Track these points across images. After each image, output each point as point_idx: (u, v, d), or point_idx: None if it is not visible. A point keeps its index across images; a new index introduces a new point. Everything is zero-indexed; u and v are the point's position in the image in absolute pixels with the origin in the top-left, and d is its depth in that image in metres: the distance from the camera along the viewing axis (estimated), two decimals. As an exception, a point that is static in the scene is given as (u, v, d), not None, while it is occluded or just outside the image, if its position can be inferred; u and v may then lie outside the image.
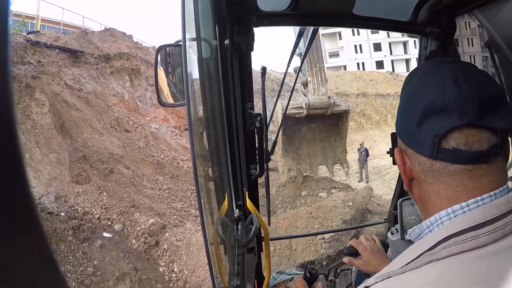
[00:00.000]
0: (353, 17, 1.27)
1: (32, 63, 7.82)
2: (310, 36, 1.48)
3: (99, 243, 5.10)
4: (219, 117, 1.04)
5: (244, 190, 1.19)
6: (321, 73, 7.42)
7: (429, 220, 0.53)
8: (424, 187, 0.55)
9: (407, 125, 0.54)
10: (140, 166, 8.03)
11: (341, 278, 1.85)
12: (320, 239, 5.07)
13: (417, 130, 0.52)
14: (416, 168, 0.55)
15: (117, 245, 5.22)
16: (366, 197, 5.76)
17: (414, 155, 0.54)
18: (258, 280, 1.34)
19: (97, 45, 11.94)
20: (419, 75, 0.55)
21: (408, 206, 1.64)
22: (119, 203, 5.83)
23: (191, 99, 0.63)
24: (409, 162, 0.56)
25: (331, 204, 5.70)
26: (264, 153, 1.16)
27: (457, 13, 1.31)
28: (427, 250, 0.47)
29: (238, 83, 1.09)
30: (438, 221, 0.51)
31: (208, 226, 0.75)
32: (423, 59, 1.48)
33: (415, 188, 0.57)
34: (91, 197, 5.77)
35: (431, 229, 0.52)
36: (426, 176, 0.53)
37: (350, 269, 1.89)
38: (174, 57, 1.17)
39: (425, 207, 0.56)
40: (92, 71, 10.87)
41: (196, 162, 0.62)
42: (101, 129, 8.64)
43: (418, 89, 0.53)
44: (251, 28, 1.07)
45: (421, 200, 0.57)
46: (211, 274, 0.72)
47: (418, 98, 0.52)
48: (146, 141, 9.55)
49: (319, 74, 7.35)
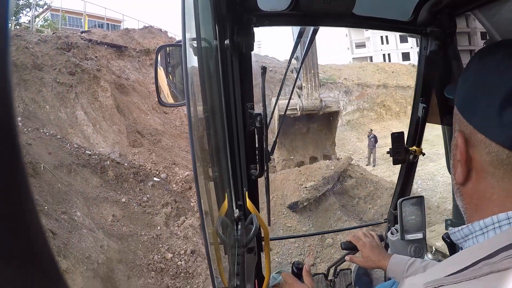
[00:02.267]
0: (353, 17, 1.27)
1: (93, 59, 9.64)
2: (310, 36, 1.48)
3: (150, 183, 6.95)
4: (219, 117, 1.04)
5: (244, 190, 1.19)
6: (315, 78, 8.15)
7: (484, 221, 0.46)
8: (487, 182, 0.48)
9: (484, 107, 0.47)
10: (177, 139, 10.39)
11: (341, 278, 1.84)
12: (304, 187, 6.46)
13: (497, 115, 0.45)
14: (483, 158, 0.47)
15: (162, 186, 7.15)
16: (344, 164, 6.93)
17: (485, 142, 0.47)
18: (258, 280, 1.34)
19: (138, 41, 13.97)
20: (502, 54, 0.49)
21: (408, 206, 1.65)
22: (164, 161, 7.97)
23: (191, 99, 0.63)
24: (472, 151, 0.49)
25: (317, 167, 7.03)
26: (264, 153, 1.16)
27: (457, 13, 1.31)
28: (485, 257, 0.41)
29: (238, 83, 1.09)
30: (495, 225, 0.45)
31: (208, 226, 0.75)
32: (423, 59, 1.48)
33: (472, 182, 0.50)
34: (144, 156, 7.93)
35: (484, 231, 0.46)
36: (496, 169, 0.46)
37: (350, 269, 1.89)
38: (174, 57, 1.17)
39: (478, 205, 0.49)
40: (134, 63, 13.00)
41: (196, 162, 0.62)
42: (146, 110, 10.91)
43: (501, 68, 0.47)
44: (251, 28, 1.07)
45: (476, 197, 0.50)
46: (211, 274, 0.72)
47: (501, 79, 0.46)
48: (181, 121, 11.82)
49: (313, 80, 8.08)
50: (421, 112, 1.51)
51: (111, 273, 3.83)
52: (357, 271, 1.84)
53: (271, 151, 1.26)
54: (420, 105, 1.52)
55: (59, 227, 3.83)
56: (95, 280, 3.50)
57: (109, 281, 3.73)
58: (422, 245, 1.62)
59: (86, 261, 3.64)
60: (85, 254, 3.72)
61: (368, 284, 1.78)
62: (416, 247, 1.60)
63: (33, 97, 7.01)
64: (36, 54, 7.57)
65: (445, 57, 1.43)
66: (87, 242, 3.92)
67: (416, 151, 1.62)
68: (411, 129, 1.63)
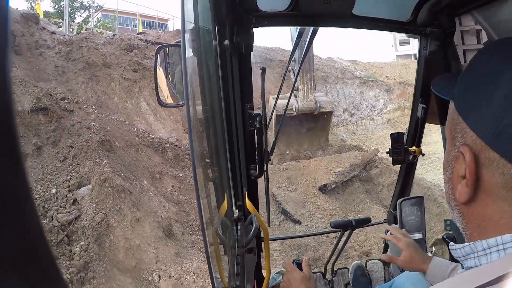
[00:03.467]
0: (352, 17, 1.27)
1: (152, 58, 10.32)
2: (309, 36, 1.48)
3: (204, 164, 7.77)
4: (218, 118, 1.04)
5: (243, 190, 1.19)
6: (311, 81, 8.57)
7: (487, 242, 0.42)
8: (497, 206, 0.43)
9: (504, 122, 0.40)
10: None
11: (339, 277, 1.84)
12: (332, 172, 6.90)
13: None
14: (494, 179, 0.42)
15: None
16: (371, 154, 7.32)
17: (499, 162, 0.41)
18: (258, 280, 1.34)
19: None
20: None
21: (408, 206, 1.65)
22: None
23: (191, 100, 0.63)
24: (481, 169, 0.43)
25: (346, 156, 7.39)
26: (263, 154, 1.16)
27: (457, 13, 1.31)
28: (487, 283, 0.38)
29: (238, 84, 1.09)
30: (499, 246, 0.41)
31: (208, 227, 0.75)
32: (423, 59, 1.48)
33: (477, 203, 0.45)
34: (197, 142, 8.78)
35: (487, 252, 0.42)
36: (510, 192, 0.41)
37: (347, 268, 1.89)
38: (173, 57, 1.17)
39: (481, 226, 0.45)
40: (184, 61, 14.35)
41: (196, 162, 0.62)
42: (197, 103, 12.11)
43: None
44: (251, 28, 1.07)
45: (480, 218, 0.45)
46: (211, 274, 0.72)
47: None
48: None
49: (309, 83, 8.50)
50: (420, 112, 1.51)
51: (170, 227, 4.66)
52: (355, 271, 1.84)
53: (270, 151, 1.26)
54: (419, 105, 1.52)
55: (133, 189, 4.71)
56: (158, 229, 4.44)
57: (168, 232, 4.57)
58: (422, 245, 1.62)
59: (153, 215, 4.56)
60: (152, 210, 4.63)
61: (366, 284, 1.78)
62: (416, 247, 1.60)
63: (103, 90, 8.07)
64: (105, 54, 8.63)
65: (445, 57, 1.43)
66: (154, 202, 4.83)
67: (416, 151, 1.62)
68: (411, 130, 1.63)
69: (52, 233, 3.93)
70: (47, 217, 4.07)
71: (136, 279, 3.93)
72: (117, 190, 4.46)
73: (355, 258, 4.92)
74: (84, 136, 5.17)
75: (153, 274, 3.96)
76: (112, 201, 4.35)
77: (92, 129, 5.34)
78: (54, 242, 3.85)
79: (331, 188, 6.81)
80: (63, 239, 3.94)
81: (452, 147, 0.49)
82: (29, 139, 4.90)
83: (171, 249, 4.35)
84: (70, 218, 4.09)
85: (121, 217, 4.28)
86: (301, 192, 6.90)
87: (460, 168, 0.46)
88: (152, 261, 4.10)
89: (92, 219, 4.16)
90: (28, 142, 4.86)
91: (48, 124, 5.20)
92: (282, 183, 7.07)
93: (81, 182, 4.57)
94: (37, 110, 5.19)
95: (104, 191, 4.40)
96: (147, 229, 4.36)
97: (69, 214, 4.12)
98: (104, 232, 4.12)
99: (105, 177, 4.51)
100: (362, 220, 1.63)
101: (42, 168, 4.66)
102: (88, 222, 4.15)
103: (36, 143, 4.86)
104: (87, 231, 4.07)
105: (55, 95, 5.80)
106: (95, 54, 8.40)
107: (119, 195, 4.44)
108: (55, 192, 4.40)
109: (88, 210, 4.26)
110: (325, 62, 16.78)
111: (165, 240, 4.43)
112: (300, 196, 6.77)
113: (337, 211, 6.52)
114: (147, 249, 4.17)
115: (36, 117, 5.16)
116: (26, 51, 7.48)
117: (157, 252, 4.21)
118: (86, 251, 3.91)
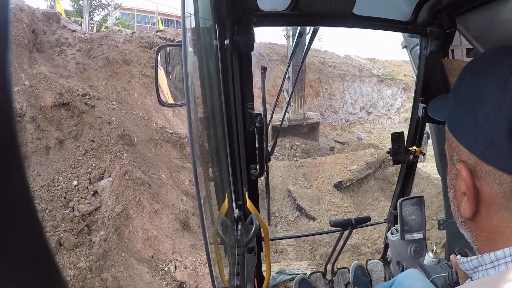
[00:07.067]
0: (353, 17, 1.27)
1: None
2: (309, 36, 1.48)
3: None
4: (219, 117, 1.04)
5: (244, 190, 1.19)
6: (301, 99, 10.24)
7: (495, 254, 0.42)
8: (501, 216, 0.43)
9: (491, 134, 0.41)
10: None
11: (339, 277, 1.84)
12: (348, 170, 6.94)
13: (507, 142, 0.40)
14: (493, 190, 0.43)
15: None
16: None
17: (495, 173, 0.42)
18: (258, 280, 1.34)
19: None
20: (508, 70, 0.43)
21: (408, 206, 1.65)
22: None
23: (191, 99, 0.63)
24: (479, 182, 0.44)
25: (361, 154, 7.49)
26: (264, 153, 1.16)
27: (457, 13, 1.31)
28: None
29: (238, 83, 1.09)
30: (507, 258, 0.41)
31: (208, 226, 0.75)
32: (423, 59, 1.48)
33: (481, 216, 0.45)
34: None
35: (495, 265, 0.42)
36: (510, 201, 0.42)
37: (347, 268, 1.89)
38: (174, 57, 1.17)
39: (489, 239, 0.45)
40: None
41: (196, 162, 0.62)
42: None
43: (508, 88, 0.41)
44: (251, 28, 1.07)
45: (487, 231, 0.45)
46: (211, 274, 0.72)
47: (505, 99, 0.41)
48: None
49: (300, 100, 10.14)
50: (421, 112, 1.51)
51: (187, 220, 4.76)
52: (355, 271, 1.84)
53: (271, 151, 1.26)
54: (420, 105, 1.52)
55: (152, 182, 4.82)
56: (175, 222, 4.57)
57: (185, 225, 4.69)
58: (422, 245, 1.62)
59: (171, 207, 4.70)
60: (170, 202, 4.77)
61: (366, 284, 1.78)
62: (416, 247, 1.60)
63: (123, 86, 8.19)
64: (124, 51, 8.73)
65: (445, 57, 1.43)
66: (171, 195, 4.95)
67: (416, 151, 1.62)
68: (411, 129, 1.63)
69: (73, 222, 4.01)
70: (68, 208, 4.15)
71: (153, 269, 4.01)
72: (136, 182, 4.55)
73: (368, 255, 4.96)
74: (105, 130, 5.24)
75: (170, 265, 4.07)
76: (132, 193, 4.45)
77: (112, 124, 5.41)
78: (75, 232, 3.92)
79: (346, 186, 6.88)
80: (83, 229, 4.02)
81: (452, 166, 0.50)
82: (51, 133, 4.97)
83: (187, 241, 4.46)
84: (91, 208, 4.18)
85: (140, 209, 4.38)
86: (316, 189, 6.93)
87: (461, 185, 0.47)
88: (169, 252, 4.22)
89: (112, 210, 4.25)
90: (50, 136, 4.92)
91: (70, 119, 5.27)
92: (297, 180, 7.14)
93: (101, 175, 4.66)
94: (60, 106, 5.26)
95: (124, 184, 4.49)
96: (165, 221, 4.48)
97: (89, 205, 4.21)
98: (123, 222, 4.22)
99: (125, 170, 4.60)
100: (362, 219, 1.64)
101: (64, 161, 4.73)
102: (108, 213, 4.24)
103: (58, 137, 4.92)
104: (107, 221, 4.16)
105: (77, 91, 5.86)
106: (115, 52, 8.49)
107: (139, 187, 4.54)
108: (77, 184, 4.48)
109: (108, 201, 4.36)
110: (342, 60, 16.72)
111: (182, 232, 4.55)
112: (315, 192, 6.81)
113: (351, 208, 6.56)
114: (164, 240, 4.30)
115: (58, 112, 5.23)
116: (48, 49, 7.47)
117: (173, 244, 4.32)
118: (105, 240, 3.99)
